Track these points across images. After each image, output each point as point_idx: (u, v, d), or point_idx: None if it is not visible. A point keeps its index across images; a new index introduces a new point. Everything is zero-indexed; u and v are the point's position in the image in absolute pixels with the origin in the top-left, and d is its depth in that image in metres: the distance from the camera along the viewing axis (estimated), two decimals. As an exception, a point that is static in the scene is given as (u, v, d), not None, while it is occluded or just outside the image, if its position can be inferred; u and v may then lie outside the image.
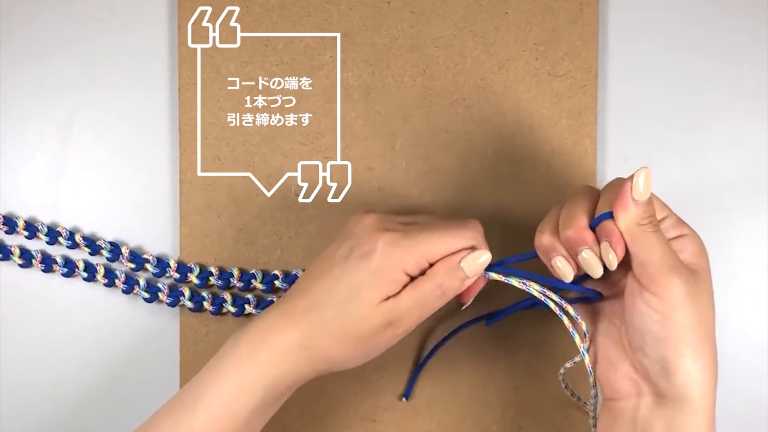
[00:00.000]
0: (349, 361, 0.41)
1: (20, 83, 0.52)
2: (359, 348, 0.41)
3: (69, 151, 0.52)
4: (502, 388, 0.51)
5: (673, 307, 0.38)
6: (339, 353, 0.41)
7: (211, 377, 0.41)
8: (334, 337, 0.40)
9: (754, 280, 0.51)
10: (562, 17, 0.51)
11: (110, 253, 0.51)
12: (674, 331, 0.38)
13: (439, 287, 0.40)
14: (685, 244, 0.40)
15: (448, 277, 0.40)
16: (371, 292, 0.40)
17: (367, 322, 0.40)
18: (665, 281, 0.38)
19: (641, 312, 0.38)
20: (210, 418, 0.40)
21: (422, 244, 0.40)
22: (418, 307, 0.40)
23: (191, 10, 0.51)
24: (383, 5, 0.51)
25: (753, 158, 0.51)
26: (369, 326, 0.40)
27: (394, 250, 0.40)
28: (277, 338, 0.40)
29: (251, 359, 0.40)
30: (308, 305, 0.41)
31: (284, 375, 0.40)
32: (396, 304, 0.40)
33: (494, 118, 0.51)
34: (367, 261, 0.40)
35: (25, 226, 0.51)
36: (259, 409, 0.41)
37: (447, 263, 0.41)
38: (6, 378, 0.52)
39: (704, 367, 0.38)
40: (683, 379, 0.38)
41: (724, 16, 0.51)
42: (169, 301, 0.51)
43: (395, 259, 0.40)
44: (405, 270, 0.40)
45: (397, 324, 0.40)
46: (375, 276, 0.40)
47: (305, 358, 0.40)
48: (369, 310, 0.40)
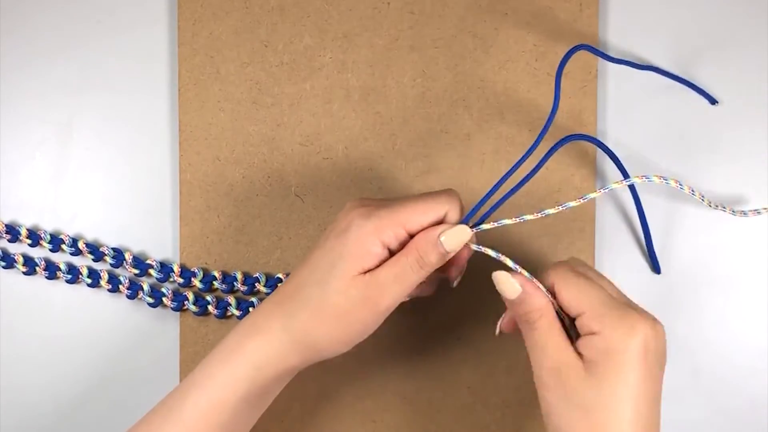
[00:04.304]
0: (333, 343, 0.41)
1: (20, 83, 0.52)
2: (340, 326, 0.40)
3: (69, 151, 0.52)
4: (502, 388, 0.51)
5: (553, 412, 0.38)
6: (320, 333, 0.40)
7: (203, 370, 0.41)
8: (314, 315, 0.40)
9: (754, 280, 0.51)
10: (562, 17, 0.51)
11: (114, 259, 0.51)
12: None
13: (416, 261, 0.40)
14: (591, 341, 0.37)
15: (425, 251, 0.40)
16: (346, 265, 0.39)
17: (344, 295, 0.39)
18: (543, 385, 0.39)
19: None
20: (198, 409, 0.40)
21: (397, 213, 0.40)
22: (397, 282, 0.40)
23: (191, 10, 0.51)
24: (383, 6, 0.51)
25: (753, 158, 0.51)
26: (346, 300, 0.39)
27: (368, 221, 0.40)
28: (264, 325, 0.41)
29: (238, 349, 0.41)
30: (292, 290, 0.41)
31: (269, 363, 0.40)
32: (374, 278, 0.40)
33: (494, 118, 0.51)
34: (344, 236, 0.40)
35: (28, 234, 0.51)
36: (246, 402, 0.41)
37: (425, 236, 0.40)
38: (11, 381, 0.52)
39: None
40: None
41: (723, 18, 0.51)
42: (173, 305, 0.51)
43: (370, 230, 0.39)
44: (382, 240, 0.40)
45: (377, 298, 0.40)
46: (350, 249, 0.39)
47: (288, 343, 0.40)
48: (345, 284, 0.39)
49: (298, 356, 0.41)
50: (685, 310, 0.51)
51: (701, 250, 0.51)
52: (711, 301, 0.51)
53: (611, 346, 0.36)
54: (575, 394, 0.37)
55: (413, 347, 0.51)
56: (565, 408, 0.37)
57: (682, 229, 0.51)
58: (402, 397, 0.51)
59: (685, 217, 0.51)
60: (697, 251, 0.51)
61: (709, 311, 0.51)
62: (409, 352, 0.51)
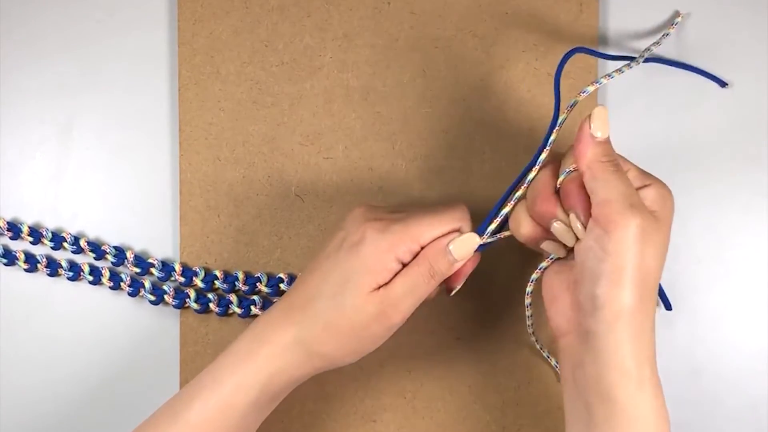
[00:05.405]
0: (345, 355, 0.41)
1: (20, 83, 0.52)
2: (353, 340, 0.41)
3: (69, 151, 0.52)
4: (502, 388, 0.51)
5: (619, 248, 0.36)
6: (334, 346, 0.41)
7: (211, 374, 0.41)
8: (328, 330, 0.40)
9: (754, 279, 0.51)
10: (562, 17, 0.51)
11: (115, 258, 0.51)
12: (611, 270, 0.36)
13: (428, 271, 0.40)
14: (648, 192, 0.38)
15: (436, 261, 0.40)
16: (362, 281, 0.40)
17: (360, 311, 0.40)
18: (621, 220, 0.36)
19: (587, 248, 0.37)
20: (206, 413, 0.40)
21: (412, 228, 0.40)
22: (409, 294, 0.40)
23: (191, 10, 0.51)
24: (383, 6, 0.51)
25: (753, 158, 0.51)
26: (362, 316, 0.40)
27: (384, 237, 0.40)
28: (275, 335, 0.41)
29: (249, 357, 0.41)
30: (304, 300, 0.41)
31: (281, 372, 0.41)
32: (388, 292, 0.40)
33: (494, 118, 0.51)
34: (357, 250, 0.40)
35: (30, 232, 0.51)
36: (255, 407, 0.41)
37: (435, 247, 0.41)
38: (11, 378, 0.52)
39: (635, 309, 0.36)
40: (608, 315, 0.36)
41: (723, 18, 0.51)
42: (175, 303, 0.51)
43: (385, 247, 0.40)
44: (397, 257, 0.40)
45: (390, 312, 0.40)
46: (365, 265, 0.40)
47: (301, 354, 0.41)
48: (361, 300, 0.40)
49: (310, 367, 0.41)
50: (685, 310, 0.51)
51: (701, 250, 0.51)
52: (711, 301, 0.51)
53: (668, 199, 0.39)
54: (649, 234, 0.37)
55: (413, 347, 0.51)
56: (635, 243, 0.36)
57: (681, 230, 0.51)
58: (402, 397, 0.51)
59: (685, 218, 0.51)
60: (697, 251, 0.51)
61: (709, 311, 0.51)
62: (409, 352, 0.51)
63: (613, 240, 0.36)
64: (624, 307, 0.36)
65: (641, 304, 0.37)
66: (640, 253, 0.36)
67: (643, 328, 0.37)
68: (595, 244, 0.37)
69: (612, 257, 0.36)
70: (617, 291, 0.36)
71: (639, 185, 0.39)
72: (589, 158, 0.38)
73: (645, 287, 0.37)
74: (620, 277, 0.36)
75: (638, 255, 0.36)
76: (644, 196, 0.38)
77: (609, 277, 0.36)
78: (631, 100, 0.51)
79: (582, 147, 0.38)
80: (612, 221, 0.36)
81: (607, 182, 0.37)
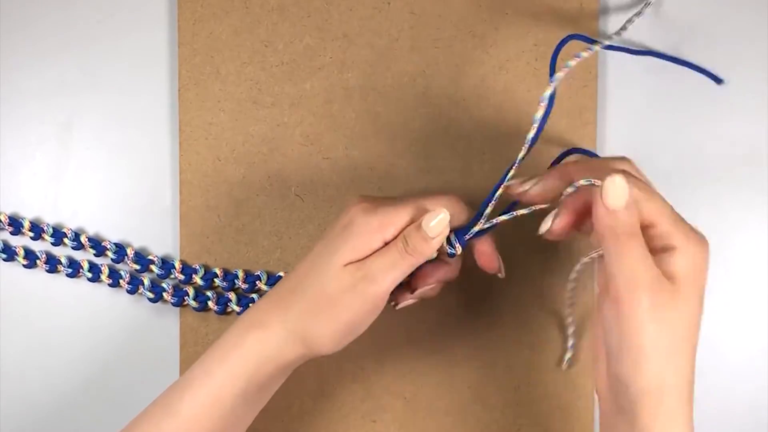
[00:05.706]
0: (326, 336, 0.41)
1: (20, 83, 0.52)
2: (332, 315, 0.40)
3: (69, 151, 0.52)
4: (502, 388, 0.51)
5: (631, 327, 0.35)
6: (314, 323, 0.40)
7: (201, 366, 0.42)
8: (310, 306, 0.40)
9: (754, 279, 0.51)
10: (562, 17, 0.51)
11: (115, 254, 0.51)
12: (628, 348, 0.35)
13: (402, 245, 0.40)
14: (673, 256, 0.36)
15: (410, 234, 0.40)
16: (342, 256, 0.40)
17: (335, 281, 0.40)
18: (629, 298, 0.35)
19: (604, 319, 0.36)
20: (196, 405, 0.40)
21: (399, 210, 0.41)
22: (386, 268, 0.40)
23: (191, 10, 0.51)
24: (383, 6, 0.51)
25: (754, 159, 0.51)
26: (337, 285, 0.40)
27: (371, 218, 0.40)
28: (262, 322, 0.41)
29: (237, 345, 0.41)
30: (293, 285, 0.42)
31: (268, 361, 0.41)
32: (364, 263, 0.40)
33: (494, 118, 0.51)
34: (345, 232, 0.41)
35: (31, 227, 0.52)
36: (243, 397, 0.41)
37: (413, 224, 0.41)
38: (10, 373, 0.52)
39: (662, 389, 0.35)
40: (635, 396, 0.36)
41: (723, 17, 0.51)
42: (173, 301, 0.51)
43: (373, 227, 0.40)
44: (384, 238, 0.40)
45: (365, 284, 0.40)
46: (350, 243, 0.40)
47: (285, 336, 0.41)
48: (336, 270, 0.40)
49: (293, 351, 0.41)
50: (685, 310, 0.51)
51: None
52: (711, 301, 0.51)
53: (696, 263, 0.36)
54: (663, 308, 0.35)
55: (413, 347, 0.51)
56: (648, 322, 0.35)
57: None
58: (402, 397, 0.51)
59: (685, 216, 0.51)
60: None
61: (709, 311, 0.51)
62: (409, 352, 0.51)
63: (625, 318, 0.35)
64: (650, 388, 0.35)
65: (672, 380, 0.35)
66: (656, 331, 0.35)
67: (678, 405, 0.36)
68: (611, 319, 0.36)
69: (627, 336, 0.35)
70: (639, 373, 0.35)
71: (663, 245, 0.36)
72: (602, 226, 0.36)
73: (670, 365, 0.35)
74: (639, 357, 0.35)
75: (655, 334, 0.35)
76: (668, 261, 0.36)
77: (628, 355, 0.35)
78: (630, 100, 0.51)
79: (596, 213, 0.36)
80: (620, 299, 0.35)
81: (619, 255, 0.35)
